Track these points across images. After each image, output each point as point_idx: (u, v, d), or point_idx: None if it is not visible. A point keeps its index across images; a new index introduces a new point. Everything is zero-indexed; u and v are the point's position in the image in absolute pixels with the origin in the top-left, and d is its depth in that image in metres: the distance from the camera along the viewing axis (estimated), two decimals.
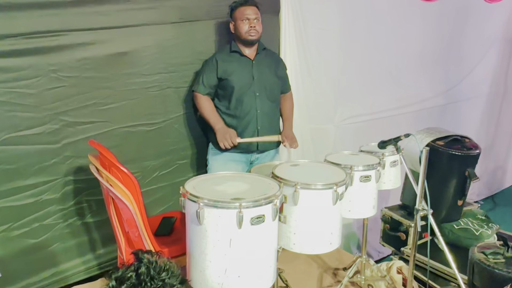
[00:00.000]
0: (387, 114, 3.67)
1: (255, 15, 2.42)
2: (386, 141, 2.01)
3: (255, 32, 2.42)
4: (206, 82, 2.43)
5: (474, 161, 2.68)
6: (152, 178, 2.51)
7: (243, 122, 2.45)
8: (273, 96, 2.55)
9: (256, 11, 2.44)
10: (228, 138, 2.37)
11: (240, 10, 2.42)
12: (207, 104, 2.46)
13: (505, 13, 4.50)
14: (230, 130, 2.41)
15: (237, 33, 2.45)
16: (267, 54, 2.59)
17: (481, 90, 4.59)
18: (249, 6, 2.42)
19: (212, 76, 2.43)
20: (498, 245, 2.07)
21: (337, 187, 1.70)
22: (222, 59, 2.45)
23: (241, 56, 2.47)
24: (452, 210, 2.74)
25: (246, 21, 2.40)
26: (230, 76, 2.42)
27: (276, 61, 2.64)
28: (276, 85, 2.57)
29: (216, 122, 2.43)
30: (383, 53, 3.54)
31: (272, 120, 2.53)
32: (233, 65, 2.45)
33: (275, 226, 1.60)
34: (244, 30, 2.40)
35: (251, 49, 2.50)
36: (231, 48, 2.48)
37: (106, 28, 2.19)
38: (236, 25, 2.44)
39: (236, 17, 2.43)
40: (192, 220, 1.55)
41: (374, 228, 3.33)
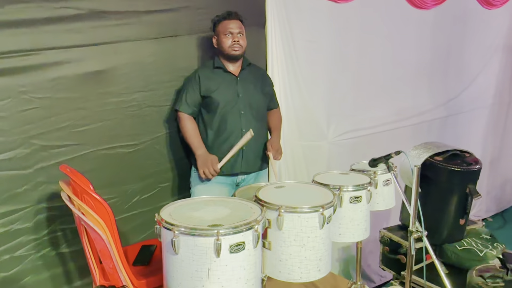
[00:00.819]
0: (385, 128, 3.68)
1: (239, 29, 2.44)
2: (377, 159, 2.01)
3: (239, 46, 2.43)
4: (190, 101, 2.43)
5: (475, 177, 2.68)
6: (132, 203, 2.49)
7: (227, 143, 2.43)
8: (259, 114, 2.55)
9: (240, 25, 2.45)
10: (209, 165, 2.34)
11: (223, 24, 2.43)
12: (190, 125, 2.45)
13: (506, 20, 4.56)
14: (211, 157, 2.38)
15: (220, 48, 2.46)
16: (252, 70, 2.59)
17: (484, 101, 4.62)
18: (233, 20, 2.44)
19: (195, 93, 2.44)
20: (498, 268, 2.05)
21: (323, 210, 1.69)
22: (205, 76, 2.45)
23: (225, 72, 2.48)
24: (454, 230, 2.73)
25: (229, 36, 2.42)
26: (214, 93, 2.42)
27: (262, 77, 2.64)
28: (262, 103, 2.57)
29: (198, 147, 2.42)
30: (378, 65, 3.57)
31: (258, 140, 2.51)
32: (216, 82, 2.45)
33: (257, 254, 1.58)
34: (227, 45, 2.42)
35: (235, 65, 2.51)
36: (214, 64, 2.49)
37: (80, 46, 2.20)
38: (219, 39, 2.45)
39: (219, 31, 2.44)
40: (168, 250, 1.53)
41: (375, 251, 3.30)
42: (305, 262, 1.71)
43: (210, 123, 2.46)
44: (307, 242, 1.70)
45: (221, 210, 1.66)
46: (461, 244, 2.73)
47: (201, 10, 2.56)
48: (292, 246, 1.70)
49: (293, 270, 1.71)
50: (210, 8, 2.57)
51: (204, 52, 2.63)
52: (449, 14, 3.95)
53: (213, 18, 2.48)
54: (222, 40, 2.43)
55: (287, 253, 1.71)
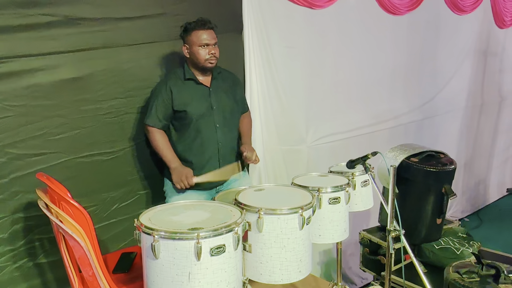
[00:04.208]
0: (363, 132, 3.75)
1: (214, 40, 2.35)
2: (354, 160, 2.04)
3: (215, 59, 2.36)
4: (161, 115, 2.35)
5: (450, 177, 2.75)
6: (111, 211, 2.47)
7: (204, 157, 2.40)
8: (234, 125, 2.52)
9: (214, 34, 2.36)
10: (184, 179, 2.27)
11: (198, 34, 2.32)
12: (161, 139, 2.38)
13: (476, 25, 4.71)
14: (186, 170, 2.31)
15: (193, 59, 2.37)
16: (223, 77, 2.52)
17: (458, 103, 4.75)
18: (208, 30, 2.34)
19: (166, 107, 2.35)
20: (473, 264, 2.11)
21: (303, 211, 1.71)
22: (177, 88, 2.36)
23: (197, 84, 2.41)
24: (431, 229, 2.78)
25: (205, 47, 2.33)
26: (187, 107, 2.35)
27: (233, 83, 2.58)
28: (236, 112, 2.54)
29: (172, 161, 2.35)
30: (355, 69, 3.64)
31: (233, 151, 2.49)
32: (189, 95, 2.37)
33: (238, 256, 1.59)
34: (204, 57, 2.33)
35: (207, 75, 2.45)
36: (185, 74, 2.40)
37: (56, 53, 2.18)
38: (193, 50, 2.35)
39: (193, 41, 2.34)
40: (148, 255, 1.53)
41: (356, 253, 3.34)
42: (285, 264, 1.73)
43: (183, 136, 2.40)
44: (287, 243, 1.72)
45: (201, 214, 1.66)
46: (439, 243, 2.78)
47: (178, 16, 2.57)
48: (273, 248, 1.71)
49: (274, 272, 1.73)
50: (187, 14, 2.58)
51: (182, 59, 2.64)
52: (422, 19, 4.06)
53: (185, 25, 2.38)
54: (196, 51, 2.34)
55: (267, 255, 1.72)
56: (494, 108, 5.29)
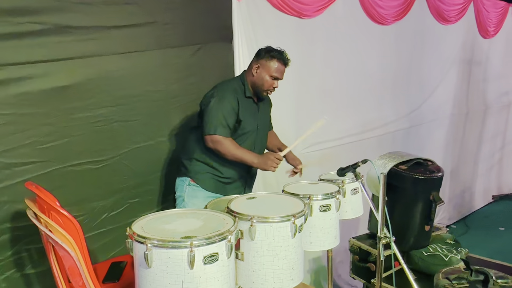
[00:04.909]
0: (351, 140, 3.79)
1: (283, 77, 2.46)
2: (344, 168, 2.06)
3: (274, 90, 2.48)
4: (230, 122, 2.34)
5: (438, 184, 2.79)
6: (100, 220, 2.45)
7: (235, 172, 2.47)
8: (265, 144, 2.64)
9: (284, 71, 2.46)
10: (272, 159, 2.32)
11: (277, 65, 2.39)
12: (233, 144, 2.35)
13: (461, 35, 4.81)
14: (267, 155, 2.37)
15: (257, 82, 2.43)
16: (264, 100, 2.61)
17: (444, 112, 4.83)
18: (286, 67, 2.44)
19: (235, 114, 2.37)
20: (462, 270, 2.14)
21: (295, 219, 1.72)
22: (241, 100, 2.41)
23: (253, 104, 2.50)
24: (420, 236, 2.81)
25: (274, 80, 2.41)
26: (242, 123, 2.41)
27: (269, 105, 2.70)
28: (268, 130, 2.70)
29: (252, 157, 2.35)
30: (343, 79, 3.69)
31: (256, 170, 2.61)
32: (246, 111, 2.44)
33: (231, 264, 1.59)
34: (267, 87, 2.42)
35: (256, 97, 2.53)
36: (245, 92, 2.45)
37: (45, 61, 2.17)
38: (262, 75, 2.40)
39: (268, 67, 2.39)
40: (141, 264, 1.52)
41: (345, 260, 3.36)
42: (278, 272, 1.73)
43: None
44: (279, 251, 1.72)
45: (194, 222, 1.66)
46: (427, 250, 2.81)
47: (168, 25, 2.58)
48: (265, 256, 1.72)
49: (267, 280, 1.73)
50: (178, 23, 2.61)
51: (172, 66, 2.65)
52: (409, 29, 4.14)
53: (271, 49, 2.43)
54: (265, 79, 2.40)
55: (260, 263, 1.73)
56: (479, 116, 5.39)
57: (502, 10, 5.32)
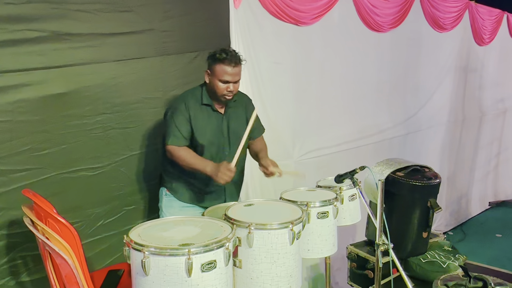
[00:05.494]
0: (348, 147, 3.79)
1: (238, 77, 2.30)
2: (342, 175, 2.07)
3: (232, 95, 2.32)
4: (185, 132, 2.29)
5: (435, 191, 2.79)
6: (96, 227, 2.44)
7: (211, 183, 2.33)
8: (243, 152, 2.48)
9: (239, 71, 2.30)
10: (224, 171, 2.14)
11: (223, 68, 2.25)
12: (187, 153, 2.29)
13: (457, 42, 4.85)
14: (220, 165, 2.19)
15: (211, 88, 2.33)
16: (237, 104, 2.49)
17: (440, 119, 4.86)
18: (234, 67, 2.26)
19: (188, 124, 2.31)
20: (461, 277, 2.14)
21: (293, 226, 1.72)
22: (194, 111, 2.33)
23: (213, 111, 2.38)
24: (417, 243, 2.81)
25: (226, 84, 2.27)
26: (199, 132, 2.33)
27: (246, 107, 2.54)
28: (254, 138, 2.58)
29: (205, 166, 2.23)
30: (340, 85, 3.70)
31: (241, 174, 2.53)
32: (204, 120, 2.35)
33: (229, 272, 1.59)
34: (221, 93, 2.30)
35: (222, 103, 2.41)
36: (202, 99, 2.36)
37: (42, 69, 2.16)
38: (213, 81, 2.29)
39: (216, 73, 2.27)
40: (138, 272, 1.52)
41: (343, 268, 3.34)
42: (276, 279, 1.73)
43: None
44: (277, 258, 1.72)
45: (191, 229, 1.66)
46: (425, 256, 2.81)
47: (165, 32, 2.59)
48: (263, 263, 1.71)
49: (265, 287, 1.72)
50: (175, 31, 2.61)
51: (169, 74, 2.65)
52: (405, 37, 4.17)
53: (214, 53, 2.31)
54: (216, 84, 2.28)
55: (258, 270, 1.72)
56: (475, 123, 5.42)
57: (497, 17, 5.37)
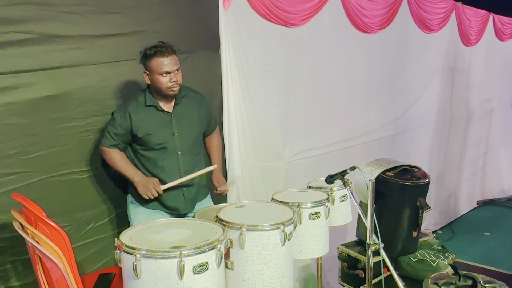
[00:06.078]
0: (338, 147, 3.81)
1: (176, 66, 2.25)
2: (333, 176, 2.08)
3: (177, 86, 2.28)
4: (117, 137, 2.29)
5: (425, 191, 2.81)
6: (86, 230, 2.42)
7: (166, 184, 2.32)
8: (197, 149, 2.47)
9: (176, 59, 2.26)
10: (151, 188, 2.24)
11: (158, 61, 2.21)
12: (119, 156, 2.30)
13: (444, 43, 4.90)
14: (151, 179, 2.28)
15: (155, 86, 2.28)
16: (187, 101, 2.43)
17: (428, 119, 4.90)
18: (168, 56, 2.22)
19: (124, 131, 2.29)
20: (450, 275, 2.16)
21: (284, 227, 1.73)
22: (137, 115, 2.29)
23: (158, 111, 2.33)
24: (407, 242, 2.83)
25: (167, 75, 2.23)
26: (148, 135, 2.29)
27: (198, 104, 2.49)
28: (199, 136, 2.50)
29: (134, 174, 2.28)
30: (329, 86, 3.72)
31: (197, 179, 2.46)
32: (150, 122, 2.31)
33: (221, 274, 1.59)
34: (166, 86, 2.24)
35: (169, 101, 2.37)
36: (146, 101, 2.32)
37: (31, 71, 2.15)
38: (154, 78, 2.25)
39: (153, 69, 2.23)
40: (129, 275, 1.51)
41: (334, 268, 3.36)
42: (268, 280, 1.73)
43: (146, 163, 2.35)
44: (269, 260, 1.72)
45: (183, 232, 1.66)
46: (415, 255, 2.83)
47: (156, 34, 2.57)
48: (255, 264, 1.72)
49: None
50: (166, 32, 2.60)
51: None
52: (393, 38, 4.20)
53: (144, 51, 2.27)
54: (158, 79, 2.24)
55: (250, 272, 1.72)
56: (462, 123, 5.48)
57: (483, 19, 5.43)
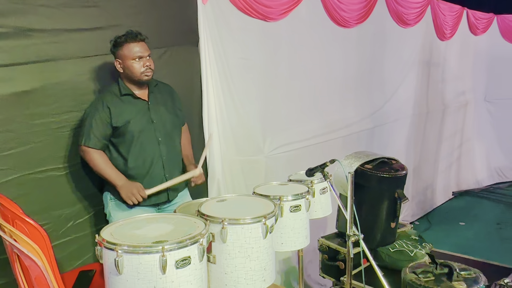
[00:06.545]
0: (317, 141, 3.84)
1: (148, 51, 2.31)
2: (313, 169, 2.10)
3: (151, 71, 2.32)
4: (99, 134, 2.25)
5: (402, 182, 2.88)
6: (66, 228, 2.38)
7: (149, 174, 2.34)
8: (178, 137, 2.49)
9: (146, 46, 2.31)
10: (136, 193, 2.23)
11: (130, 47, 2.26)
12: (102, 158, 2.28)
13: (419, 37, 4.99)
14: (135, 184, 2.27)
15: (128, 74, 2.30)
16: (160, 90, 2.47)
17: (405, 112, 4.99)
18: (139, 42, 2.28)
19: (104, 126, 2.27)
20: (428, 264, 2.22)
21: (266, 220, 1.74)
22: (114, 105, 2.29)
23: (135, 99, 2.35)
24: (386, 233, 2.89)
25: (139, 60, 2.27)
26: (127, 123, 2.29)
27: (171, 95, 2.53)
28: (177, 125, 2.52)
29: (118, 178, 2.27)
30: (308, 80, 3.74)
31: (179, 164, 2.47)
32: (128, 110, 2.31)
33: (203, 268, 1.59)
34: (140, 71, 2.28)
35: (143, 88, 2.39)
36: (120, 90, 2.33)
37: (5, 66, 2.09)
38: (126, 64, 2.28)
39: (125, 55, 2.27)
40: (111, 271, 1.50)
41: (314, 260, 3.40)
42: (250, 273, 1.74)
43: (125, 154, 2.32)
44: (251, 253, 1.74)
45: (164, 227, 1.65)
46: (394, 246, 2.89)
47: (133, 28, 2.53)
48: (237, 258, 1.72)
49: (239, 282, 1.74)
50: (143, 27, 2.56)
51: None
52: (370, 32, 4.25)
53: (115, 39, 2.30)
54: (130, 65, 2.27)
55: (232, 265, 1.73)
56: (438, 116, 5.59)
57: (457, 13, 5.55)
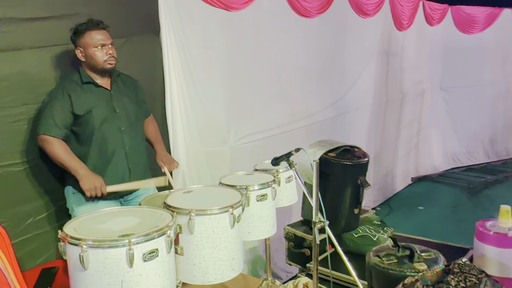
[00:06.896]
0: (281, 130, 3.87)
1: (110, 40, 2.29)
2: (279, 158, 2.12)
3: (113, 59, 2.29)
4: (60, 122, 2.19)
5: (365, 169, 2.95)
6: (25, 226, 2.31)
7: (111, 164, 2.30)
8: (140, 128, 2.47)
9: (108, 35, 2.30)
10: (98, 187, 2.18)
11: (92, 35, 2.23)
12: (63, 147, 2.21)
13: (379, 28, 5.09)
14: (97, 177, 2.21)
15: (90, 62, 2.27)
16: (122, 80, 2.45)
17: (366, 101, 5.10)
18: (102, 30, 2.26)
19: (66, 114, 2.21)
20: (390, 247, 2.30)
21: (233, 210, 1.74)
22: (76, 93, 2.24)
23: (97, 88, 2.31)
24: (350, 219, 2.96)
25: (102, 48, 2.25)
26: (89, 112, 2.24)
27: (133, 86, 2.51)
28: (140, 116, 2.50)
29: (79, 167, 2.20)
30: (271, 70, 3.76)
31: (143, 155, 2.44)
32: (90, 98, 2.27)
33: (171, 260, 1.58)
34: (103, 59, 2.25)
35: (105, 78, 2.36)
36: (82, 78, 2.29)
37: None
38: (88, 52, 2.25)
39: (87, 43, 2.24)
40: (76, 267, 1.46)
41: (280, 248, 3.45)
42: (218, 263, 1.74)
43: (86, 144, 2.28)
44: (219, 243, 1.73)
45: (130, 220, 1.62)
46: (357, 231, 2.97)
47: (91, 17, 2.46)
48: (205, 248, 1.72)
49: (208, 272, 1.74)
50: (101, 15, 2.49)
51: None
52: (331, 22, 4.30)
53: (75, 27, 2.26)
54: (93, 53, 2.24)
55: (200, 256, 1.73)
56: (397, 104, 5.75)
57: (414, 4, 5.69)
